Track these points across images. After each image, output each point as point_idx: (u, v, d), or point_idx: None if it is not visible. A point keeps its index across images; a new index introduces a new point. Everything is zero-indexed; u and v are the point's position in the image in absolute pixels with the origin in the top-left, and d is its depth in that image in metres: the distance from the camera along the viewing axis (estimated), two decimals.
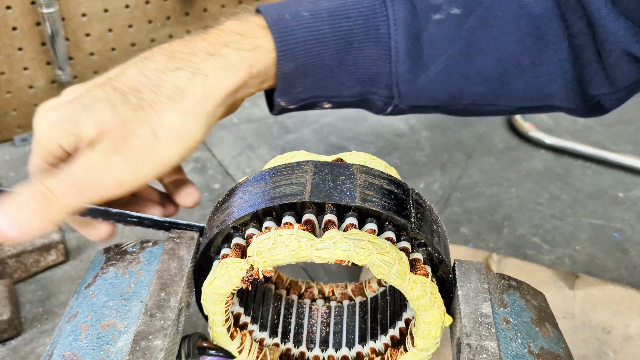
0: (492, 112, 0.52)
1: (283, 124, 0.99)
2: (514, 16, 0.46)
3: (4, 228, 0.36)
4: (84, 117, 0.38)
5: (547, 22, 0.47)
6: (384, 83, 0.46)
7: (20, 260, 0.69)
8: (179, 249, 0.41)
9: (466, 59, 0.47)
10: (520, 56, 0.47)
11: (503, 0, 0.46)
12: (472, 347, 0.36)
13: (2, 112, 0.90)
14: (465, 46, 0.46)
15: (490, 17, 0.46)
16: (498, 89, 0.49)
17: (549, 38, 0.47)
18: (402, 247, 0.38)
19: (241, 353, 0.43)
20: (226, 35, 0.45)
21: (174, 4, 0.96)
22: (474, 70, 0.47)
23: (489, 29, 0.46)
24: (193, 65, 0.41)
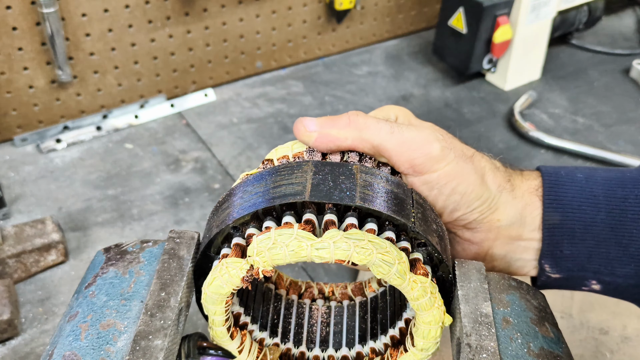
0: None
1: (283, 124, 0.99)
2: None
3: (309, 123, 0.41)
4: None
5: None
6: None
7: (20, 260, 0.69)
8: (179, 248, 0.41)
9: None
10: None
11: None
12: (472, 347, 0.36)
13: (2, 112, 0.90)
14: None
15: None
16: None
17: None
18: (402, 247, 0.38)
19: (241, 353, 0.43)
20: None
21: (174, 4, 0.96)
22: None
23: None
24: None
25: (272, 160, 0.43)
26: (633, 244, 0.42)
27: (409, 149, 0.41)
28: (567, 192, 0.43)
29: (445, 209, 0.43)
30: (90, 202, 0.83)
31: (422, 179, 0.42)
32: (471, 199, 0.43)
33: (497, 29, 1.00)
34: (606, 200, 0.43)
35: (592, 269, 0.43)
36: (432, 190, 0.42)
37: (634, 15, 1.35)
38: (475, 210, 0.43)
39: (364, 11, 1.17)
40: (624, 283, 0.43)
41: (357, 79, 1.12)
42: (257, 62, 1.10)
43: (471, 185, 0.42)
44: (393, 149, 0.41)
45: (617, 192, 0.43)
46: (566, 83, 1.11)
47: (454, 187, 0.42)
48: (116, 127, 0.97)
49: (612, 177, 0.44)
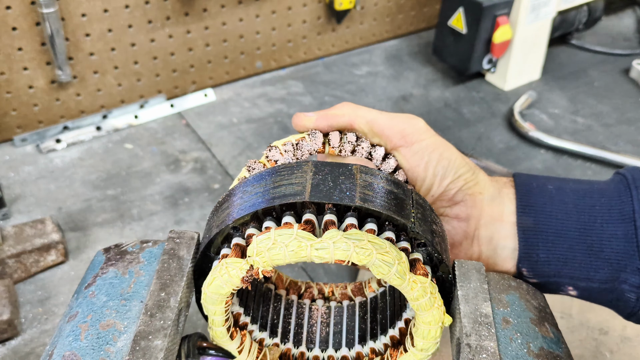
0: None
1: (283, 124, 0.99)
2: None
3: (307, 113, 0.46)
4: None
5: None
6: (634, 266, 0.43)
7: (20, 261, 0.69)
8: (179, 249, 0.41)
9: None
10: None
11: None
12: (472, 347, 0.36)
13: (2, 112, 0.90)
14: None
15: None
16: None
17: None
18: (402, 247, 0.38)
19: (241, 353, 0.43)
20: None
21: (174, 4, 0.96)
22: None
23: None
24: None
25: (277, 146, 0.44)
26: (605, 249, 0.44)
27: (400, 122, 0.47)
28: (538, 200, 0.46)
29: (436, 177, 0.47)
30: (90, 202, 0.83)
31: (413, 148, 0.47)
32: (457, 164, 0.47)
33: (497, 29, 1.00)
34: (575, 208, 0.45)
35: (567, 274, 0.45)
36: (422, 159, 0.46)
37: (634, 15, 1.35)
38: (461, 177, 0.47)
39: (363, 11, 1.17)
40: (599, 287, 0.45)
41: (357, 79, 1.12)
42: (257, 62, 1.10)
43: (455, 153, 0.48)
44: (385, 123, 0.46)
45: (585, 200, 0.45)
46: (566, 83, 1.11)
47: (441, 153, 0.47)
48: (116, 127, 0.97)
49: (580, 188, 0.47)
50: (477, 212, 0.48)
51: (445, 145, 0.48)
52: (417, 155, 0.46)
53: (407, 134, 0.47)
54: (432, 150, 0.47)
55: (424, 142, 0.47)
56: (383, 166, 0.45)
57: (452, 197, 0.47)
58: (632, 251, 0.43)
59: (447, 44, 1.07)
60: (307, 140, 0.44)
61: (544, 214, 0.45)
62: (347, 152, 0.45)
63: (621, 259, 0.44)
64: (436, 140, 0.47)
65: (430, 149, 0.47)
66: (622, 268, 0.44)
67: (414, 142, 0.47)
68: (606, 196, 0.46)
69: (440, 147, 0.47)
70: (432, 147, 0.47)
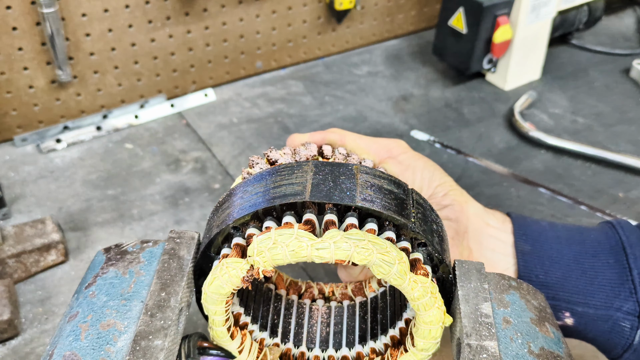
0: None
1: (283, 124, 0.99)
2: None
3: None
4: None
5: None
6: (628, 291, 0.45)
7: (20, 260, 0.69)
8: (179, 249, 0.41)
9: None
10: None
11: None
12: (472, 347, 0.36)
13: (2, 112, 0.90)
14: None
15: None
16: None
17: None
18: (402, 247, 0.38)
19: (241, 353, 0.43)
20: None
21: (174, 4, 0.96)
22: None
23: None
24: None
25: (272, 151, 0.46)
26: (598, 276, 0.45)
27: (384, 141, 0.53)
28: (534, 229, 0.49)
29: (424, 179, 0.51)
30: (90, 202, 0.83)
31: (398, 159, 0.52)
32: (441, 172, 0.52)
33: (497, 29, 1.00)
34: (568, 240, 0.48)
35: (564, 297, 0.46)
36: (409, 165, 0.51)
37: (634, 15, 1.35)
38: (447, 182, 0.51)
39: (364, 11, 1.17)
40: (595, 314, 0.46)
41: (357, 79, 1.12)
42: (257, 62, 1.10)
43: (437, 165, 0.53)
44: (371, 141, 0.52)
45: (576, 235, 0.48)
46: (566, 83, 1.11)
47: (425, 162, 0.52)
48: (116, 127, 0.97)
49: (570, 226, 0.50)
50: (464, 217, 0.50)
51: (428, 159, 0.53)
52: (404, 163, 0.52)
53: (392, 148, 0.52)
54: (417, 159, 0.52)
55: (408, 153, 0.52)
56: None
57: (440, 201, 0.51)
58: (625, 277, 0.45)
59: (447, 44, 1.07)
60: (303, 150, 0.46)
61: (539, 242, 0.47)
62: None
63: (615, 286, 0.45)
64: (419, 155, 0.53)
65: (415, 159, 0.52)
66: (616, 294, 0.45)
67: (399, 154, 0.52)
68: (594, 232, 0.48)
69: (423, 158, 0.52)
70: (416, 157, 0.52)
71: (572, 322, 0.47)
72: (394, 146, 0.52)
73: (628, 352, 0.46)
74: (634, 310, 0.44)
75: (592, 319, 0.46)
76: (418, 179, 0.51)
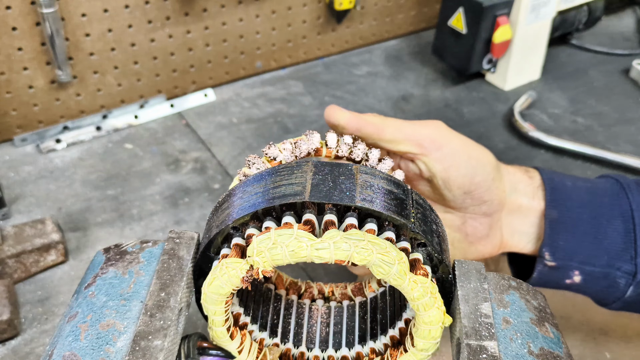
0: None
1: (283, 124, 0.99)
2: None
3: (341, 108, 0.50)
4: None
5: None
6: (629, 255, 0.52)
7: (20, 260, 0.69)
8: (178, 249, 0.41)
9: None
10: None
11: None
12: (472, 347, 0.36)
13: (2, 112, 0.90)
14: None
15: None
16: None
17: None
18: (402, 247, 0.38)
19: (241, 353, 0.43)
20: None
21: (174, 4, 0.96)
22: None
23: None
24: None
25: (276, 145, 0.46)
26: (606, 240, 0.52)
27: (426, 128, 0.51)
28: (561, 196, 0.54)
29: (466, 176, 0.51)
30: (90, 202, 0.83)
31: (443, 151, 0.51)
32: (484, 162, 0.52)
33: (497, 29, 1.00)
34: (588, 205, 0.53)
35: (577, 259, 0.53)
36: (453, 160, 0.51)
37: (634, 15, 1.35)
38: (489, 175, 0.52)
39: (363, 11, 1.17)
40: (599, 272, 0.53)
41: (357, 79, 1.12)
42: (257, 62, 1.10)
43: (481, 152, 0.52)
44: (413, 130, 0.50)
45: (594, 199, 0.54)
46: (566, 83, 1.11)
47: (469, 153, 0.52)
48: (116, 127, 0.97)
49: (590, 187, 0.55)
50: (501, 207, 0.54)
51: (472, 145, 0.53)
52: (448, 157, 0.51)
53: (435, 139, 0.51)
54: (461, 151, 0.51)
55: (452, 143, 0.51)
56: (379, 167, 0.46)
57: (481, 196, 0.53)
58: (629, 243, 0.52)
59: (447, 44, 1.07)
60: (305, 140, 0.45)
61: (565, 207, 0.53)
62: (343, 154, 0.46)
63: (619, 250, 0.52)
64: (462, 141, 0.52)
65: (460, 150, 0.51)
66: (619, 257, 0.52)
67: (443, 145, 0.51)
68: (608, 195, 0.54)
69: (468, 146, 0.52)
70: (461, 148, 0.52)
71: (579, 279, 0.53)
72: (437, 136, 0.51)
73: (617, 303, 0.54)
74: (631, 271, 0.52)
75: (595, 277, 0.53)
76: (461, 176, 0.51)
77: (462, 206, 0.54)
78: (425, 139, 0.51)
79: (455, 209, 0.55)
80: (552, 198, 0.54)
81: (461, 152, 0.52)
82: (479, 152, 0.53)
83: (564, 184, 0.55)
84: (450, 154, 0.51)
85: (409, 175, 0.55)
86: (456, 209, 0.55)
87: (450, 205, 0.55)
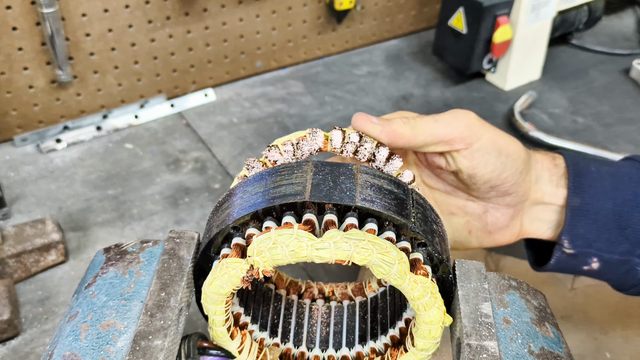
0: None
1: (283, 124, 0.99)
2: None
3: (372, 117, 0.47)
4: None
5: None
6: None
7: (20, 260, 0.69)
8: (179, 248, 0.41)
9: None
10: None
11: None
12: (472, 347, 0.36)
13: (2, 112, 0.90)
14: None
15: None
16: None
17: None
18: (402, 247, 0.38)
19: (241, 353, 0.43)
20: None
21: (174, 4, 0.96)
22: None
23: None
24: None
25: (277, 145, 0.44)
26: (629, 228, 0.52)
27: (456, 126, 0.49)
28: (585, 182, 0.53)
29: (494, 172, 0.50)
30: (90, 202, 0.83)
31: (473, 148, 0.50)
32: (514, 158, 0.51)
33: (497, 29, 1.00)
34: (611, 192, 0.52)
35: (596, 246, 0.52)
36: (482, 157, 0.50)
37: (634, 15, 1.35)
38: (517, 170, 0.51)
39: (364, 11, 1.17)
40: (618, 259, 0.52)
41: (357, 79, 1.12)
42: (257, 62, 1.10)
43: (511, 145, 0.51)
44: (444, 131, 0.49)
45: (618, 185, 0.53)
46: (566, 83, 1.11)
47: (500, 149, 0.50)
48: (116, 127, 0.97)
49: (613, 172, 0.54)
50: (525, 197, 0.54)
51: (503, 139, 0.51)
52: (478, 153, 0.50)
53: (466, 136, 0.49)
54: (492, 148, 0.50)
55: (483, 139, 0.50)
56: (386, 167, 0.44)
57: (507, 190, 0.52)
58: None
59: (447, 44, 1.07)
60: (308, 140, 0.44)
61: (588, 194, 0.52)
62: (349, 153, 0.45)
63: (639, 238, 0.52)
64: (493, 136, 0.50)
65: (490, 147, 0.50)
66: (639, 245, 0.52)
67: (474, 142, 0.50)
68: (632, 182, 0.53)
69: (499, 142, 0.50)
70: (491, 144, 0.50)
71: (597, 266, 0.53)
72: (468, 134, 0.49)
73: (635, 288, 0.54)
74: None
75: (614, 264, 0.53)
76: (489, 172, 0.50)
77: (485, 197, 0.54)
78: (456, 138, 0.49)
79: (478, 199, 0.54)
80: (575, 185, 0.53)
81: (491, 148, 0.50)
82: (510, 146, 0.51)
83: (588, 169, 0.54)
84: (479, 151, 0.50)
85: (434, 164, 0.53)
86: (479, 199, 0.54)
87: (473, 195, 0.54)
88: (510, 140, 0.51)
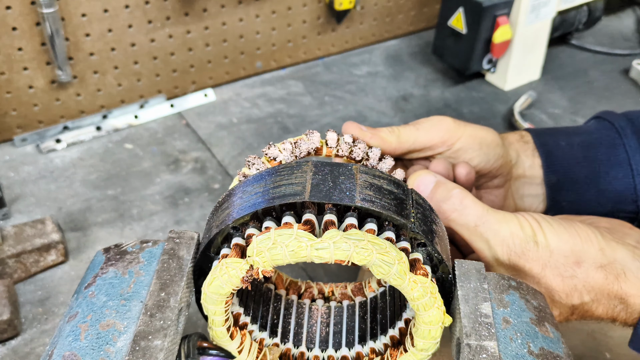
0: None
1: (283, 124, 0.99)
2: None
3: (360, 126, 0.51)
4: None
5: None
6: (630, 198, 0.55)
7: (20, 261, 0.69)
8: (178, 249, 0.41)
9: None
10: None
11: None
12: (472, 347, 0.36)
13: (2, 112, 0.90)
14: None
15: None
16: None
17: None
18: (401, 247, 0.38)
19: (241, 353, 0.43)
20: None
21: (174, 4, 0.96)
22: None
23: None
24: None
25: (276, 145, 0.46)
26: (607, 190, 0.55)
27: (436, 132, 0.53)
28: (558, 158, 0.56)
29: (480, 163, 0.54)
30: (90, 202, 0.83)
31: (455, 147, 0.53)
32: (493, 146, 0.54)
33: (497, 29, 1.00)
34: (584, 160, 0.56)
35: (583, 212, 0.55)
36: (465, 153, 0.53)
37: (634, 15, 1.35)
38: (500, 155, 0.55)
39: (363, 11, 1.17)
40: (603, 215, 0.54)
41: (357, 79, 1.12)
42: (257, 62, 1.10)
43: (489, 136, 0.54)
44: (426, 138, 0.52)
45: (590, 152, 0.56)
46: (566, 83, 1.11)
47: (479, 143, 0.54)
48: (116, 127, 0.97)
49: (583, 141, 0.57)
50: (509, 176, 0.57)
51: (480, 132, 0.54)
52: (460, 152, 0.53)
53: (447, 139, 0.53)
54: (472, 142, 0.54)
55: (462, 137, 0.53)
56: (379, 166, 0.46)
57: (494, 174, 0.56)
58: (630, 187, 0.55)
59: (447, 44, 1.07)
60: (305, 140, 0.45)
61: (563, 168, 0.56)
62: (344, 153, 0.46)
63: (621, 195, 0.55)
64: (471, 131, 0.54)
65: (471, 142, 0.54)
66: (622, 201, 0.55)
67: (454, 142, 0.53)
68: (604, 145, 0.56)
69: (478, 135, 0.54)
70: (471, 139, 0.54)
71: None
72: (447, 137, 0.53)
73: None
74: (633, 211, 0.56)
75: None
76: (474, 164, 0.54)
77: (476, 184, 0.57)
78: (437, 142, 0.53)
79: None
80: (549, 163, 0.56)
81: (472, 143, 0.54)
82: (488, 136, 0.55)
83: (558, 144, 0.57)
84: (461, 150, 0.53)
85: (425, 166, 0.57)
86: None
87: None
88: (486, 130, 0.55)
